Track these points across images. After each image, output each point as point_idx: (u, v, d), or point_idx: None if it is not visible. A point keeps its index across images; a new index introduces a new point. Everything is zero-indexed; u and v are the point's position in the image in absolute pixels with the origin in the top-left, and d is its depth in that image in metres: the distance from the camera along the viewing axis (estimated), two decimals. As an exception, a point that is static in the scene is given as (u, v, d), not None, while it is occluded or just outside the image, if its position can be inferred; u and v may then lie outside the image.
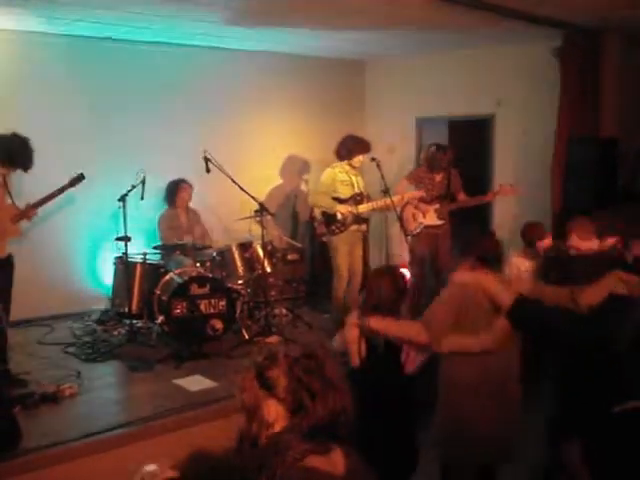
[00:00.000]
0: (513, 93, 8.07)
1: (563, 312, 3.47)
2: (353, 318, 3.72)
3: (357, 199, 6.54)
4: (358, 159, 6.52)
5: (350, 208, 6.48)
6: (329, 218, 6.53)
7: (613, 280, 3.54)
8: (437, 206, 6.93)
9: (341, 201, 6.51)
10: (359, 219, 6.59)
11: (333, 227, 6.51)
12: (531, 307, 3.39)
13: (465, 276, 3.64)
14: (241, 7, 6.00)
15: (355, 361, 3.64)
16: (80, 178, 5.64)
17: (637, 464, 2.01)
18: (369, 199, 6.66)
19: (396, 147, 9.02)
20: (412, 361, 3.70)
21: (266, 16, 6.41)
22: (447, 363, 3.66)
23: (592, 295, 3.52)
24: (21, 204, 5.47)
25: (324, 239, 6.71)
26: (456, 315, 3.55)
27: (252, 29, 7.02)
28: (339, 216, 6.48)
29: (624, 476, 2.05)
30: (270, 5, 5.96)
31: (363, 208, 6.53)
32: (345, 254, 6.56)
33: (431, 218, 6.95)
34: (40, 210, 5.60)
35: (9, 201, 5.34)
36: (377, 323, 3.58)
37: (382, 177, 6.28)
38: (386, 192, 6.31)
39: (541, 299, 3.54)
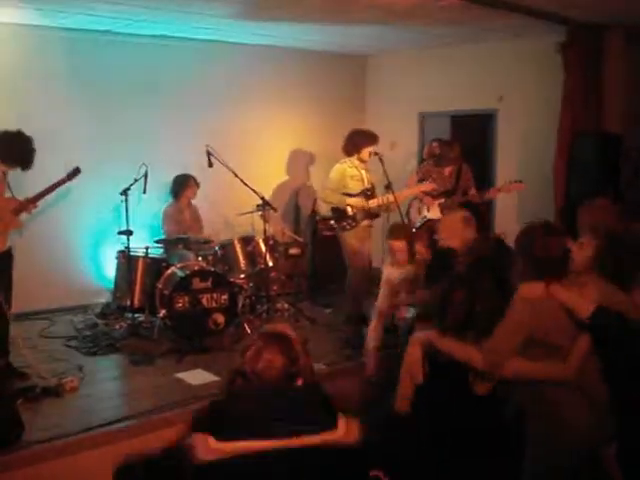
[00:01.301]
0: (516, 88, 8.05)
1: None
2: (416, 337, 3.62)
3: (367, 194, 6.51)
4: (367, 151, 6.46)
5: (361, 203, 6.44)
6: (340, 214, 6.50)
7: None
8: (442, 201, 6.91)
9: (351, 196, 6.48)
10: (370, 214, 6.57)
11: (344, 223, 6.47)
12: (614, 317, 3.00)
13: (533, 289, 3.11)
14: (244, 1, 5.99)
15: (419, 379, 3.54)
16: (76, 171, 5.63)
17: None
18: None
19: (398, 142, 9.00)
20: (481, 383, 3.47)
21: (269, 10, 6.39)
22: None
23: None
24: (22, 197, 5.47)
25: (331, 233, 6.68)
26: (526, 336, 3.11)
27: (255, 23, 7.01)
28: (349, 211, 6.45)
29: None
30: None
31: (373, 203, 6.51)
32: (358, 249, 6.55)
33: (435, 212, 6.95)
34: (41, 203, 5.59)
35: (8, 194, 5.35)
36: (443, 343, 3.44)
37: (385, 172, 6.26)
38: (389, 187, 6.30)
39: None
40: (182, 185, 7.07)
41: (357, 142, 6.49)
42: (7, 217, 5.24)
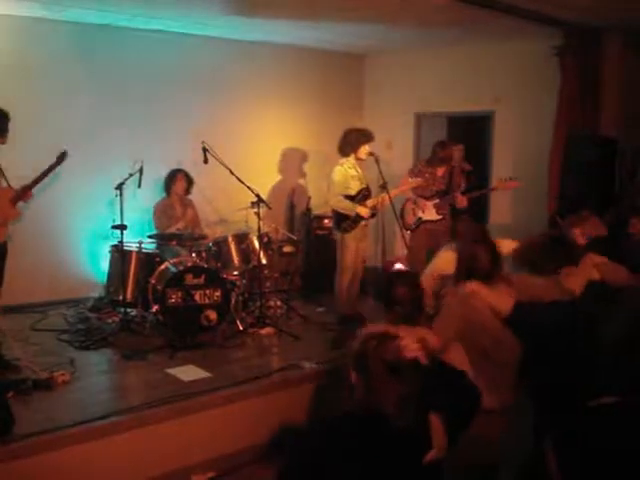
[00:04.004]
0: (513, 90, 8.07)
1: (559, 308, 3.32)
2: None
3: (365, 194, 6.51)
4: (364, 149, 6.46)
5: (367, 210, 6.44)
6: (340, 216, 6.49)
7: (589, 265, 3.41)
8: (436, 201, 6.92)
9: (351, 197, 6.47)
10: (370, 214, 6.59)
11: (344, 225, 6.48)
12: (532, 310, 3.25)
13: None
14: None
15: None
16: (64, 155, 5.60)
17: (611, 458, 1.99)
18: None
19: (394, 142, 9.00)
20: None
21: (266, 7, 6.38)
22: None
23: (575, 281, 3.39)
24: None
25: (325, 232, 6.68)
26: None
27: (251, 20, 7.00)
28: (354, 214, 6.44)
29: (598, 470, 2.03)
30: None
31: (371, 203, 6.51)
32: (354, 250, 6.53)
33: (430, 213, 6.95)
34: (35, 193, 5.57)
35: (4, 184, 5.32)
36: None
37: (380, 172, 6.27)
38: (384, 187, 6.30)
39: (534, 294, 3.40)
40: (171, 180, 7.08)
41: (353, 141, 6.49)
42: (5, 207, 5.21)
